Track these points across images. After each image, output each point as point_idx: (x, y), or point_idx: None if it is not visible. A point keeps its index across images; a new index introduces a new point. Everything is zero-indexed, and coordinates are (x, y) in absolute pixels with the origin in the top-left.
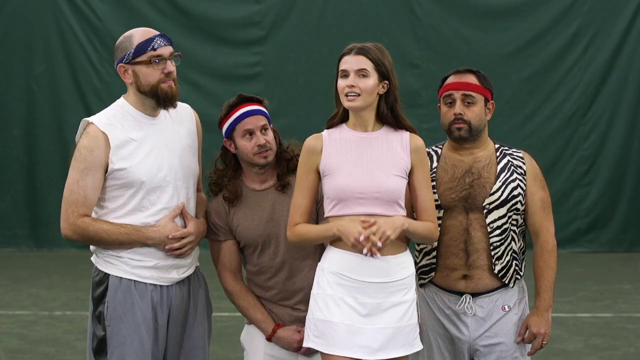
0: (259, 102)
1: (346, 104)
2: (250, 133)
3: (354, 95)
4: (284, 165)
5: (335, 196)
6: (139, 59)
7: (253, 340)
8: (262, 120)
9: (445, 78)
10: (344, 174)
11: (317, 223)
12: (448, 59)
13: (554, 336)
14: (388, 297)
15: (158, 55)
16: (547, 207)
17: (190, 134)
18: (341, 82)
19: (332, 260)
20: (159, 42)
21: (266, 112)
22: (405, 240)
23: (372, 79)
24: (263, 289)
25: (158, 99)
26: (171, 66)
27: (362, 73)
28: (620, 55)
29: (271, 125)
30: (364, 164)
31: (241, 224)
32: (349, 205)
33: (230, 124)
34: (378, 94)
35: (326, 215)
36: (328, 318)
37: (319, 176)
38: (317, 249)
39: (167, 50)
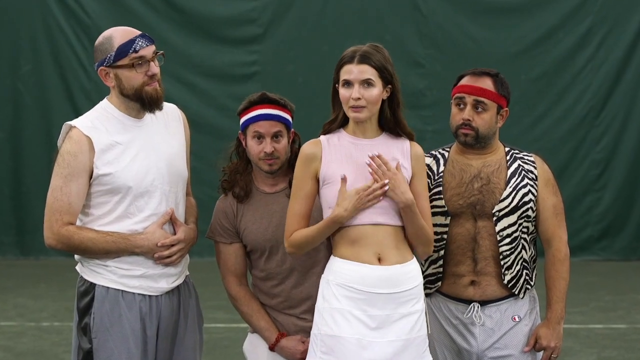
0: (282, 107)
1: (352, 115)
2: (260, 137)
3: (359, 107)
4: None
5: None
6: (120, 62)
7: (256, 349)
8: (276, 127)
9: (461, 77)
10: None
11: None
12: (454, 58)
13: (565, 348)
14: (397, 308)
15: (140, 57)
16: (560, 214)
17: (178, 135)
18: (345, 93)
19: (338, 272)
20: (140, 43)
21: (286, 118)
22: (411, 248)
23: (377, 88)
24: (268, 296)
25: (143, 102)
26: (155, 68)
27: (367, 83)
28: (635, 53)
29: (292, 130)
30: (365, 171)
31: (249, 227)
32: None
33: (245, 121)
34: (382, 99)
35: None
36: (336, 333)
37: (317, 184)
38: (327, 257)
39: (149, 50)
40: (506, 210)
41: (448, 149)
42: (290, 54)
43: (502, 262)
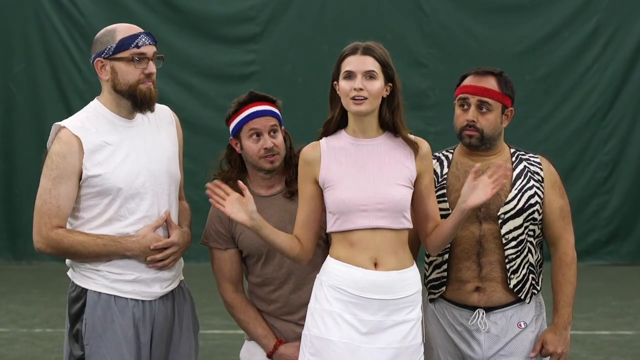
0: (271, 102)
1: (353, 108)
2: (258, 134)
3: (361, 99)
4: (293, 171)
5: (337, 210)
6: (119, 55)
7: (253, 357)
8: (272, 122)
9: (464, 77)
10: (345, 185)
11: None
12: (457, 58)
13: (571, 355)
14: (390, 316)
15: (141, 54)
16: (567, 217)
17: (170, 136)
18: (345, 85)
19: (331, 273)
20: (143, 39)
21: (278, 113)
22: (414, 253)
23: (380, 82)
24: (266, 302)
25: (135, 101)
26: (153, 67)
27: (370, 75)
28: None
29: (282, 128)
30: (365, 174)
31: (244, 232)
32: (352, 219)
33: (238, 122)
34: (382, 97)
35: (329, 230)
36: (325, 335)
37: (319, 187)
38: None
39: (150, 49)
40: (512, 212)
41: (452, 151)
42: (289, 54)
43: (507, 266)
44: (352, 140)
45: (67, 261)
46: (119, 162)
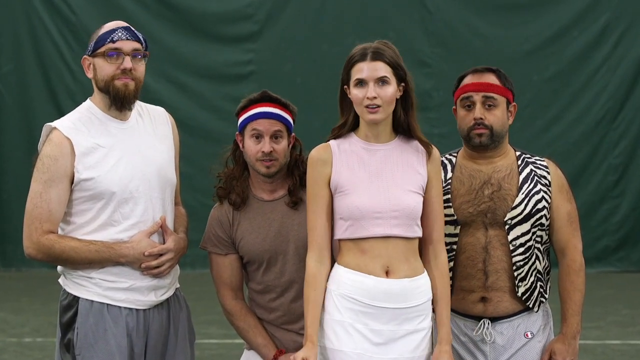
0: (283, 107)
1: (368, 117)
2: (259, 136)
3: (375, 107)
4: (297, 178)
5: (350, 216)
6: (98, 51)
7: None
8: (276, 126)
9: (462, 78)
10: (359, 191)
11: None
12: (462, 57)
13: None
14: (402, 325)
15: (116, 49)
16: (574, 222)
17: (166, 139)
18: (358, 93)
19: (342, 282)
20: (120, 34)
21: (287, 118)
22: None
23: (392, 86)
24: (266, 310)
25: (110, 97)
26: (128, 62)
27: (382, 80)
28: None
29: (293, 134)
30: (379, 180)
31: (245, 237)
32: (365, 226)
33: (244, 119)
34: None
35: (339, 237)
36: (337, 347)
37: (330, 190)
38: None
39: (127, 45)
40: (519, 218)
41: (455, 155)
42: (288, 53)
43: (515, 273)
44: (364, 145)
45: (59, 268)
46: (112, 165)
